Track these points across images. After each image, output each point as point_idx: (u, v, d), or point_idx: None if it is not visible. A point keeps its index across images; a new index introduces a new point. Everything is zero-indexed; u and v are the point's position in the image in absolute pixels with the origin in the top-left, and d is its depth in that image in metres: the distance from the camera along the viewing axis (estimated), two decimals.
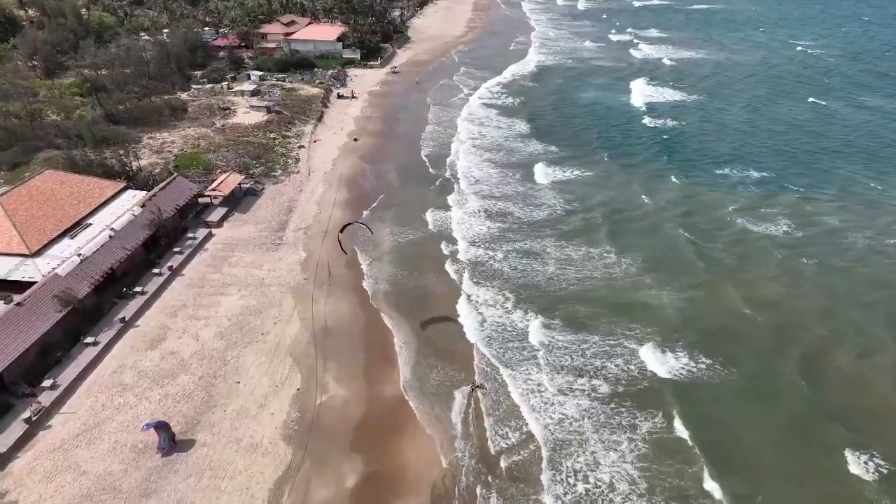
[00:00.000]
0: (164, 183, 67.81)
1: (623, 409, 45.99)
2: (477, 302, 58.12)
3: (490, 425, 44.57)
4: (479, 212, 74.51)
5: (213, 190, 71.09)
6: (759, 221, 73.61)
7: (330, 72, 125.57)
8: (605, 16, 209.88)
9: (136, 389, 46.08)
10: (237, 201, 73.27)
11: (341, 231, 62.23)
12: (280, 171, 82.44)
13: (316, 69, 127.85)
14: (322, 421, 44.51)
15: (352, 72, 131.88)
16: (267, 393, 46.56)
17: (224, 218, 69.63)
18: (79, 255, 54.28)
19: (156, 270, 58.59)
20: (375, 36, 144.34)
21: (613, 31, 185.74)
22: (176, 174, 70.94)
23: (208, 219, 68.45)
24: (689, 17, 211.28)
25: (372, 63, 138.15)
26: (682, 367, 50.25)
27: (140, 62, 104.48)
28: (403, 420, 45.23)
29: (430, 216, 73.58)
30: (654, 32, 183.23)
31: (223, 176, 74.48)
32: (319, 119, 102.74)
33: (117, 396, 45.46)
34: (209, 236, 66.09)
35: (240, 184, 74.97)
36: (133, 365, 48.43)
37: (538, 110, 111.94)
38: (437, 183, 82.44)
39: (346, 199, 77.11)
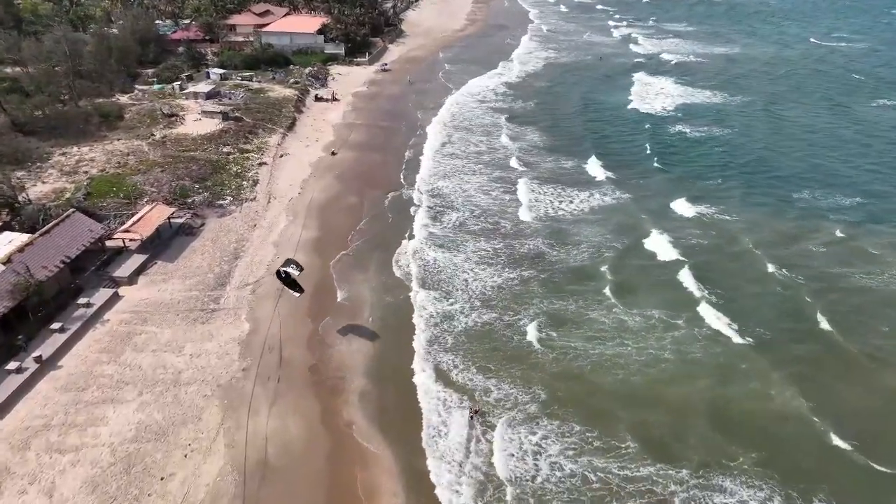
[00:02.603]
0: (51, 224, 48.16)
1: None
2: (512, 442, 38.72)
3: None
4: (491, 257, 55.11)
5: (128, 230, 51.47)
6: (873, 266, 54.47)
7: (307, 69, 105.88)
8: (615, 8, 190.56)
9: None
10: (163, 244, 53.70)
11: (281, 276, 45.98)
12: (230, 198, 62.83)
13: (292, 66, 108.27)
14: None
15: (335, 69, 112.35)
16: None
17: (140, 271, 50.04)
18: None
19: (12, 365, 38.91)
20: (363, 28, 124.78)
21: (628, 22, 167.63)
22: (72, 210, 51.10)
23: (116, 273, 48.90)
24: (711, 8, 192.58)
25: (359, 59, 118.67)
26: None
27: (74, 57, 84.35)
28: None
29: (415, 266, 54.04)
30: (676, 26, 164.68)
31: (146, 209, 54.84)
32: (290, 127, 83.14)
33: None
34: (112, 300, 46.50)
35: (169, 219, 55.40)
36: None
37: (554, 117, 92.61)
38: (431, 214, 62.95)
39: (314, 239, 57.57)
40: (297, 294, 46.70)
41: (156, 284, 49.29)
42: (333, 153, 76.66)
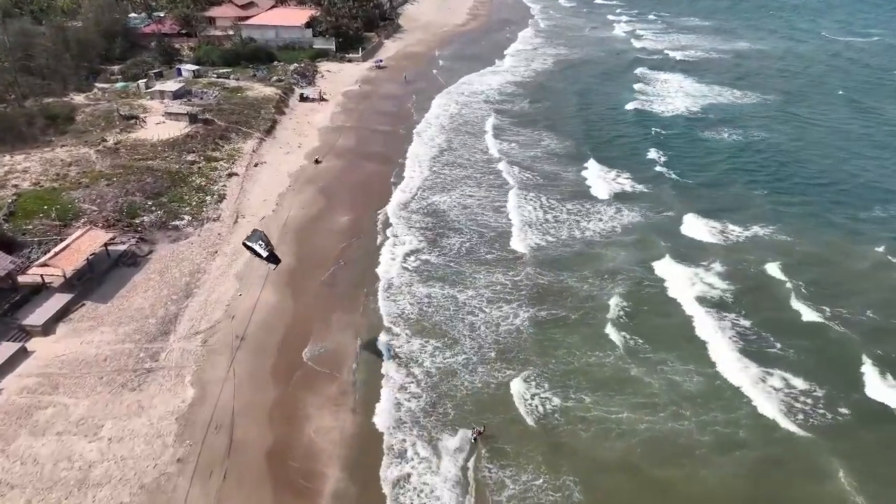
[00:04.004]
0: None
1: None
2: None
3: None
4: (499, 294, 44.58)
5: (48, 263, 40.82)
6: None
7: (293, 66, 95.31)
8: (618, 2, 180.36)
9: None
10: (96, 280, 43.13)
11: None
12: (188, 217, 52.24)
13: (276, 63, 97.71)
14: None
15: (324, 66, 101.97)
16: None
17: (60, 316, 39.47)
18: None
19: None
20: (355, 22, 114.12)
21: (632, 17, 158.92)
22: None
23: (28, 320, 38.35)
24: (715, 3, 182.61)
25: (351, 56, 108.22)
26: None
27: (18, 50, 73.59)
28: None
29: (407, 303, 43.56)
30: (693, 21, 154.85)
31: (76, 234, 44.20)
32: (269, 131, 72.59)
33: None
34: (16, 359, 35.95)
35: (106, 246, 44.78)
36: None
37: (562, 118, 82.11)
38: (429, 238, 52.45)
39: (288, 270, 46.89)
40: (272, 267, 39.61)
41: (79, 334, 38.71)
42: (317, 161, 66.19)
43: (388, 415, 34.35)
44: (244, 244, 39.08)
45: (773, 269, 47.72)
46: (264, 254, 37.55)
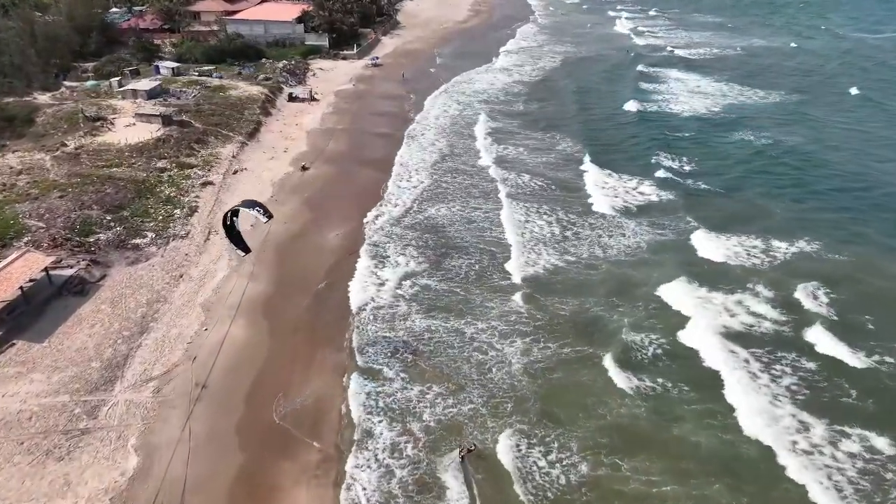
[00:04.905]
0: None
1: None
2: None
3: None
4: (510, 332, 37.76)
5: None
6: None
7: (281, 63, 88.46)
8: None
9: None
10: (32, 312, 36.20)
11: (227, 223, 34.96)
12: (152, 234, 45.33)
13: (265, 60, 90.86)
14: None
15: (317, 64, 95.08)
16: None
17: None
18: None
19: None
20: (351, 17, 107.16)
21: (637, 13, 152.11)
22: None
23: None
24: None
25: (346, 53, 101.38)
26: None
27: None
28: None
29: (402, 335, 36.75)
30: (698, 17, 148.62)
31: (8, 259, 37.23)
32: (252, 134, 65.73)
33: None
34: None
35: (47, 271, 37.89)
36: None
37: (572, 119, 75.27)
38: (431, 252, 45.60)
39: (264, 298, 40.21)
40: (242, 254, 35.72)
41: (3, 383, 31.81)
42: (304, 168, 59.35)
43: (377, 489, 27.53)
44: (226, 223, 34.83)
45: (802, 295, 40.67)
46: (264, 219, 33.18)
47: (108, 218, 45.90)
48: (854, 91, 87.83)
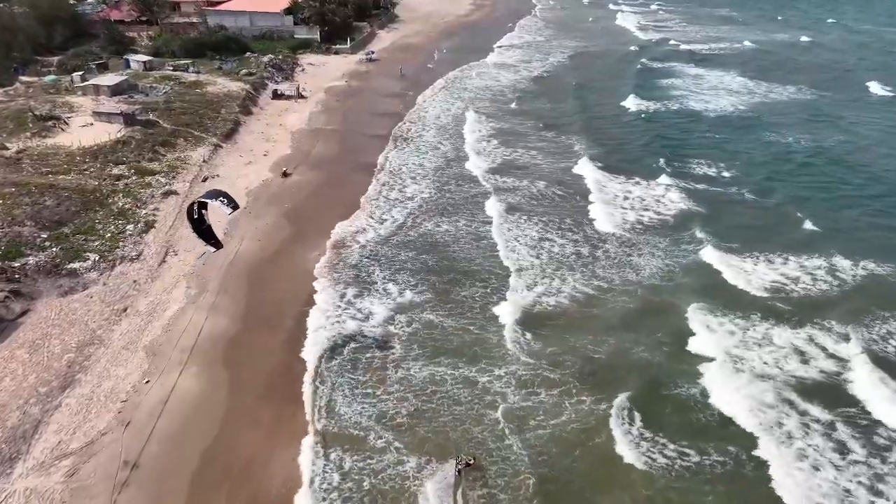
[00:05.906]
0: None
1: None
2: None
3: None
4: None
5: None
6: None
7: (266, 58, 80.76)
8: None
9: None
10: None
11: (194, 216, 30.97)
12: (95, 256, 37.54)
13: (249, 54, 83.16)
14: None
15: (306, 59, 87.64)
16: None
17: None
18: None
19: None
20: (344, 9, 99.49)
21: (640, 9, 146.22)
22: None
23: None
24: None
25: (338, 47, 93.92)
26: None
27: None
28: None
29: (395, 389, 29.01)
30: (706, 10, 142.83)
31: None
32: (228, 135, 58.04)
33: None
34: None
35: None
36: None
37: (579, 117, 67.86)
38: (432, 277, 37.87)
39: (227, 339, 32.42)
40: (213, 250, 32.92)
41: None
42: (286, 174, 51.65)
43: None
44: (192, 216, 31.12)
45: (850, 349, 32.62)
46: (228, 210, 29.93)
47: (44, 236, 38.15)
48: (875, 86, 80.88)
